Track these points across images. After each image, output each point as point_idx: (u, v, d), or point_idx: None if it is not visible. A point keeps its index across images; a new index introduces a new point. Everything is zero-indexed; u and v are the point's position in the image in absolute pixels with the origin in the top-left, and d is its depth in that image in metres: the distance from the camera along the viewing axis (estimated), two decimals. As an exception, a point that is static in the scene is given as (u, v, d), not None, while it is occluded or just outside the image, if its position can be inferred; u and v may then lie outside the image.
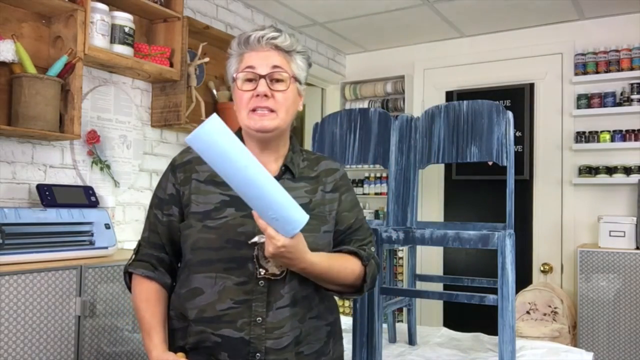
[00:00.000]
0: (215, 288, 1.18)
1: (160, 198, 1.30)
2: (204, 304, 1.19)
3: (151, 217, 1.31)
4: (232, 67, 1.30)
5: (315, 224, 1.25)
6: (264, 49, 1.25)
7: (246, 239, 1.18)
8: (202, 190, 1.25)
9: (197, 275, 1.21)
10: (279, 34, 1.26)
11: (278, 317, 1.19)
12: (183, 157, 1.31)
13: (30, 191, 2.31)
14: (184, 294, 1.23)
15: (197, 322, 1.19)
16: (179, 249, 1.29)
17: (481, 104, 1.75)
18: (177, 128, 2.88)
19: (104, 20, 2.37)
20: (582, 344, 3.17)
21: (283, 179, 1.27)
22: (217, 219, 1.21)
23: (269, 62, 1.24)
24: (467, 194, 4.02)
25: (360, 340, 1.73)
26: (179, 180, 1.28)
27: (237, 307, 1.17)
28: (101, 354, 2.06)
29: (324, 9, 3.54)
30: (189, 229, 1.23)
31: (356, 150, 1.92)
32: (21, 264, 1.90)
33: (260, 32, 1.26)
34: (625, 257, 3.10)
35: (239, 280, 1.18)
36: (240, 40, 1.28)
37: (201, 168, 1.27)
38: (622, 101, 3.47)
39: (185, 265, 1.25)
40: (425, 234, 1.71)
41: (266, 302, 1.18)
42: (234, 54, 1.30)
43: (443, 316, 4.03)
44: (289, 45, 1.27)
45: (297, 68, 1.29)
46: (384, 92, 4.31)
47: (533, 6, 3.46)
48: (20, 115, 2.13)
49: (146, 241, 1.31)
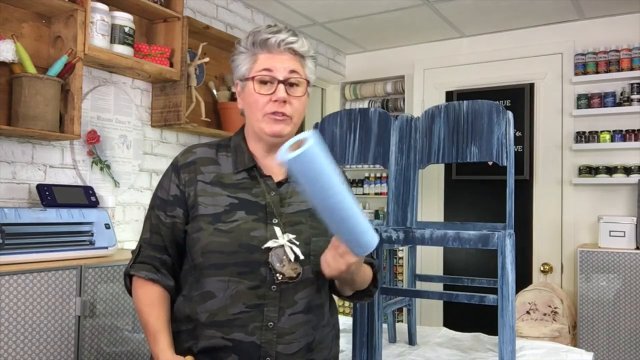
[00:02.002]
0: (227, 292, 1.17)
1: (162, 199, 1.28)
2: (216, 307, 1.18)
3: (153, 219, 1.28)
4: (244, 67, 1.26)
5: (323, 227, 1.24)
6: (281, 53, 1.23)
7: (259, 244, 1.18)
8: (209, 192, 1.23)
9: (209, 279, 1.19)
10: (297, 39, 1.25)
11: (290, 323, 1.19)
12: (186, 157, 1.29)
13: (30, 191, 2.31)
14: (195, 297, 1.21)
15: (208, 325, 1.18)
16: (181, 251, 1.28)
17: (481, 104, 1.75)
18: (177, 128, 2.88)
19: (104, 20, 2.37)
20: (582, 344, 3.17)
21: (289, 182, 1.27)
22: (229, 222, 1.19)
23: (286, 66, 1.22)
24: (467, 194, 4.02)
25: (360, 340, 1.73)
26: (183, 181, 1.25)
27: (249, 311, 1.17)
28: (101, 354, 2.06)
29: (324, 9, 3.54)
30: (199, 231, 1.20)
31: (356, 150, 1.92)
32: (21, 264, 1.90)
33: (279, 35, 1.23)
34: (625, 257, 3.10)
35: (251, 285, 1.17)
36: (257, 40, 1.24)
37: (206, 169, 1.26)
38: (622, 101, 3.47)
39: (194, 268, 1.23)
40: (425, 234, 1.71)
41: (278, 307, 1.18)
42: (247, 53, 1.26)
43: (443, 316, 4.03)
44: (306, 50, 1.26)
45: (309, 72, 1.28)
46: (384, 92, 4.31)
47: (533, 6, 3.46)
48: (20, 115, 2.13)
49: (147, 242, 1.28)
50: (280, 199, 1.25)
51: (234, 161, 1.27)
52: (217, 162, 1.27)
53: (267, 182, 1.26)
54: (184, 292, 1.25)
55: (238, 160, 1.27)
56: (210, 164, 1.27)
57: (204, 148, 1.30)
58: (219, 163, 1.27)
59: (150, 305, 1.23)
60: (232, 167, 1.26)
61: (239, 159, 1.27)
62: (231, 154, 1.29)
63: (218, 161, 1.28)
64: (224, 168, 1.26)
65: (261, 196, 1.23)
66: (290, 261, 1.18)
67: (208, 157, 1.28)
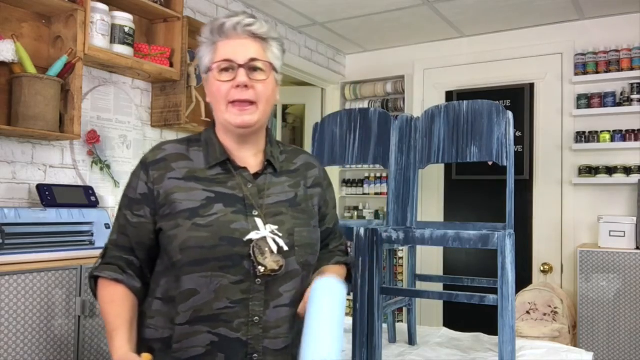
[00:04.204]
0: (211, 287, 1.12)
1: (130, 198, 1.22)
2: (200, 303, 1.13)
3: (120, 219, 1.23)
4: (206, 57, 1.21)
5: (305, 218, 1.24)
6: (240, 37, 1.18)
7: (240, 236, 1.14)
8: (183, 188, 1.17)
9: (190, 276, 1.13)
10: (255, 20, 1.19)
11: (275, 317, 1.16)
12: (155, 154, 1.23)
13: (30, 191, 2.31)
14: (176, 297, 1.15)
15: (192, 322, 1.13)
16: (151, 253, 1.22)
17: (481, 104, 1.75)
18: (177, 128, 2.88)
19: (104, 20, 2.37)
20: (582, 344, 3.17)
21: (265, 174, 1.24)
22: (207, 216, 1.14)
23: (246, 50, 1.17)
24: (467, 194, 4.02)
25: (360, 340, 1.73)
26: (152, 178, 1.19)
27: (233, 306, 1.13)
28: (101, 354, 2.06)
29: (324, 9, 3.54)
30: (176, 228, 1.14)
31: (356, 150, 1.92)
32: (21, 264, 1.89)
33: (235, 18, 1.18)
34: (625, 257, 3.10)
35: (235, 279, 1.13)
36: (214, 28, 1.19)
37: (178, 165, 1.20)
38: (622, 101, 3.47)
39: (172, 267, 1.16)
40: (425, 234, 1.71)
41: (264, 301, 1.14)
42: (207, 42, 1.21)
43: (443, 316, 4.03)
44: (265, 32, 1.20)
45: (273, 57, 1.22)
46: (384, 92, 4.31)
47: (533, 6, 3.46)
48: (20, 115, 2.13)
49: (114, 244, 1.22)
50: (258, 190, 1.21)
51: (205, 155, 1.22)
52: (188, 158, 1.22)
53: (242, 174, 1.22)
54: (159, 295, 1.19)
55: (210, 154, 1.22)
56: (181, 159, 1.22)
57: (174, 144, 1.26)
58: (190, 158, 1.22)
59: (110, 303, 1.16)
60: (204, 161, 1.21)
61: (210, 153, 1.22)
62: (202, 148, 1.24)
63: (189, 156, 1.22)
64: (196, 163, 1.21)
65: (238, 189, 1.19)
66: (272, 253, 1.14)
67: (178, 153, 1.23)
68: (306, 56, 4.08)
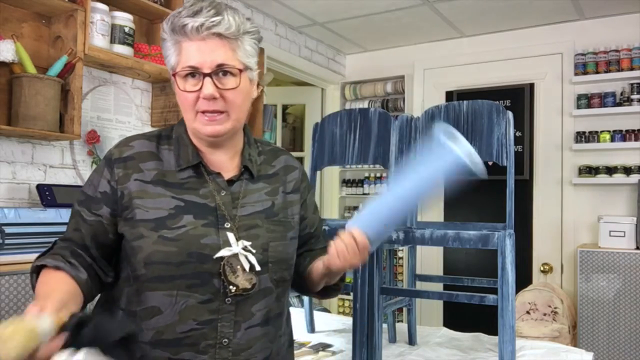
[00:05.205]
0: (175, 307, 1.03)
1: (88, 196, 1.10)
2: (162, 325, 1.03)
3: (75, 217, 1.10)
4: (171, 58, 1.09)
5: (281, 230, 1.14)
6: (204, 39, 1.04)
7: (211, 252, 1.04)
8: (150, 193, 1.06)
9: (154, 293, 1.03)
10: (221, 19, 1.04)
11: (247, 337, 1.07)
12: (122, 151, 1.11)
13: (30, 191, 2.31)
14: (138, 313, 1.05)
15: (154, 345, 1.03)
16: (106, 253, 1.09)
17: (481, 104, 1.75)
18: (177, 128, 2.88)
19: (104, 20, 2.37)
20: (582, 344, 3.17)
21: (241, 179, 1.13)
22: (175, 228, 1.04)
23: (213, 55, 1.04)
24: (467, 194, 4.00)
25: (360, 340, 1.73)
26: (116, 177, 1.08)
27: (200, 328, 1.03)
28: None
29: (324, 9, 3.54)
30: (140, 239, 1.04)
31: (356, 150, 1.92)
32: (21, 264, 1.89)
33: (198, 18, 1.03)
34: (625, 257, 3.10)
35: (203, 299, 1.03)
36: (175, 27, 1.05)
37: (146, 166, 1.09)
38: (622, 101, 3.47)
39: (134, 279, 1.06)
40: (425, 234, 1.71)
41: (233, 322, 1.05)
42: (170, 40, 1.08)
43: (443, 316, 4.03)
44: (234, 31, 1.05)
45: (245, 55, 1.08)
46: (384, 92, 4.31)
47: (533, 6, 3.46)
48: (20, 115, 2.13)
49: (63, 239, 1.10)
50: (232, 199, 1.10)
51: (176, 156, 1.11)
52: (158, 157, 1.11)
53: (216, 180, 1.11)
54: (122, 305, 1.08)
55: (181, 156, 1.11)
56: (151, 159, 1.10)
57: (142, 140, 1.13)
58: (160, 158, 1.11)
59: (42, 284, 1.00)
60: (175, 163, 1.10)
61: (182, 154, 1.11)
62: (173, 147, 1.12)
63: (159, 156, 1.11)
64: (166, 164, 1.10)
65: (210, 197, 1.08)
66: (245, 271, 1.05)
67: (148, 152, 1.11)
68: (306, 56, 4.08)
